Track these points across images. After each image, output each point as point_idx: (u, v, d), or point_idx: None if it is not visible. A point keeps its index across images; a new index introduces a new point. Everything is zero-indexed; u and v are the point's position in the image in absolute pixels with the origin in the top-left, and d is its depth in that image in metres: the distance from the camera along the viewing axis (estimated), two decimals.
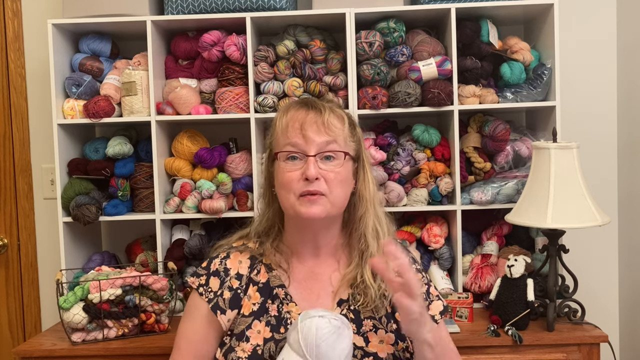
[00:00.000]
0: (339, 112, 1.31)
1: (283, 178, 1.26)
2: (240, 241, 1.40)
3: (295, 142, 1.25)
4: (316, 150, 1.24)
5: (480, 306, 1.95)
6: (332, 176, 1.25)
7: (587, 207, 1.72)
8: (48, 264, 2.30)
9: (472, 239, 2.07)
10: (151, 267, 2.03)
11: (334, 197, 1.25)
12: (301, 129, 1.25)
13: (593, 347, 1.72)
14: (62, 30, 2.02)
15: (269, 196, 1.37)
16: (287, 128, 1.27)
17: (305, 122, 1.26)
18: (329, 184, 1.24)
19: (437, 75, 1.93)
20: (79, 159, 2.06)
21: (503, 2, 1.95)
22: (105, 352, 1.73)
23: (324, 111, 1.27)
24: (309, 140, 1.25)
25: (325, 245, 1.32)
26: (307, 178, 1.23)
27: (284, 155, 1.27)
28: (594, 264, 2.22)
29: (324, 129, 1.25)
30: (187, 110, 1.98)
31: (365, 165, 1.34)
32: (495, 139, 1.98)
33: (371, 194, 1.32)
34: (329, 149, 1.26)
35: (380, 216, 1.34)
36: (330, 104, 1.32)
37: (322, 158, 1.25)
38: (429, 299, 1.33)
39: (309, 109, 1.28)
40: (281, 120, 1.29)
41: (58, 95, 2.00)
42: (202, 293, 1.31)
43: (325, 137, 1.25)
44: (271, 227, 1.37)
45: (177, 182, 2.02)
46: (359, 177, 1.33)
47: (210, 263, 1.35)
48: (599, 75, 2.22)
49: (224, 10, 1.97)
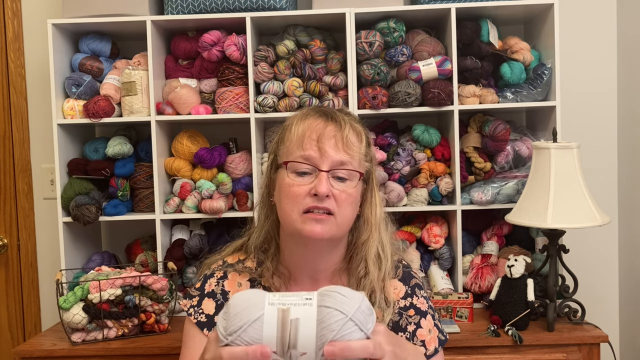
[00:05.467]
0: (358, 129, 1.21)
1: (289, 191, 1.15)
2: (235, 256, 1.29)
3: (310, 155, 1.15)
4: (330, 166, 1.15)
5: (481, 306, 1.95)
6: (343, 196, 1.15)
7: (587, 207, 1.72)
8: (48, 264, 2.30)
9: (472, 239, 2.07)
10: (151, 267, 2.03)
11: (341, 218, 1.15)
12: (318, 141, 1.15)
13: (593, 347, 1.72)
14: (62, 30, 2.02)
15: (267, 206, 1.26)
16: (302, 137, 1.17)
17: (323, 135, 1.16)
18: (339, 204, 1.14)
19: (437, 75, 1.93)
20: (78, 159, 2.06)
21: (503, 2, 1.95)
22: (105, 352, 1.73)
23: (344, 125, 1.17)
24: (324, 155, 1.15)
25: (325, 269, 1.22)
26: (317, 194, 1.13)
27: (294, 167, 1.16)
28: (594, 264, 2.22)
29: (342, 146, 1.16)
30: (187, 110, 1.98)
31: (374, 187, 1.24)
32: (495, 139, 1.98)
33: (377, 218, 1.23)
34: (344, 168, 1.16)
35: (385, 241, 1.24)
36: (350, 117, 1.22)
37: (335, 176, 1.16)
38: (415, 339, 1.20)
39: (327, 119, 1.18)
40: (297, 127, 1.19)
41: (58, 95, 2.00)
42: (190, 314, 1.23)
43: (342, 156, 1.15)
44: (269, 243, 1.26)
45: (177, 182, 2.02)
46: (365, 199, 1.23)
47: (204, 283, 1.26)
48: (599, 75, 2.22)
49: (224, 10, 1.97)
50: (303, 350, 0.77)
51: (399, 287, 1.25)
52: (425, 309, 1.24)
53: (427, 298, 1.27)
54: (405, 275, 1.26)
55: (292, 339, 0.77)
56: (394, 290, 1.23)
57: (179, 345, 1.71)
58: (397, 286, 1.25)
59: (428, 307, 1.25)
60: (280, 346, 0.77)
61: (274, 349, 0.77)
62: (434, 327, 1.24)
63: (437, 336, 1.23)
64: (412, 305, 1.23)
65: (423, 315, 1.23)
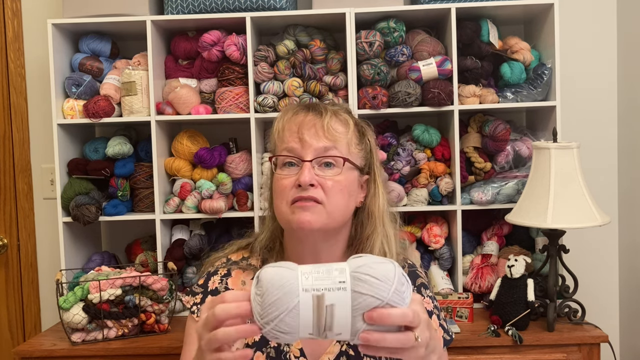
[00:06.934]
0: (343, 117, 1.20)
1: (277, 185, 1.16)
2: (239, 253, 1.29)
3: (292, 146, 1.16)
4: (313, 155, 1.14)
5: (481, 306, 1.95)
6: (329, 184, 1.13)
7: (587, 207, 1.72)
8: (48, 264, 2.30)
9: (472, 239, 2.07)
10: (151, 267, 2.03)
11: (332, 206, 1.13)
12: (298, 132, 1.16)
13: (593, 347, 1.72)
14: (62, 30, 2.02)
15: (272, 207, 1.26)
16: (283, 131, 1.18)
17: (302, 125, 1.16)
18: (327, 192, 1.13)
19: (437, 75, 1.93)
20: (78, 159, 2.06)
21: (503, 2, 1.95)
22: (105, 352, 1.73)
23: (325, 114, 1.17)
24: (305, 145, 1.15)
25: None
26: (300, 184, 1.12)
27: (280, 161, 1.17)
28: (594, 264, 2.22)
29: (322, 133, 1.15)
30: (187, 110, 1.98)
31: (377, 179, 1.23)
32: (495, 139, 1.98)
33: (381, 210, 1.21)
34: (328, 154, 1.15)
35: (390, 236, 1.22)
36: (335, 108, 1.22)
37: (321, 164, 1.15)
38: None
39: (308, 111, 1.19)
40: (278, 123, 1.21)
41: (58, 95, 2.00)
42: (193, 312, 1.22)
43: (324, 142, 1.15)
44: (274, 242, 1.26)
45: (177, 182, 2.02)
46: (369, 191, 1.22)
47: (208, 280, 1.25)
48: (599, 75, 2.22)
49: (224, 10, 1.97)
50: (339, 331, 0.79)
51: None
52: (431, 308, 1.24)
53: (433, 298, 1.26)
54: (411, 275, 1.26)
55: (328, 322, 0.78)
56: None
57: (179, 345, 1.72)
58: None
59: (434, 306, 1.25)
60: (316, 329, 0.78)
61: (310, 331, 0.79)
62: (439, 327, 1.23)
63: (442, 336, 1.23)
64: None
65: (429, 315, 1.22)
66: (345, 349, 1.18)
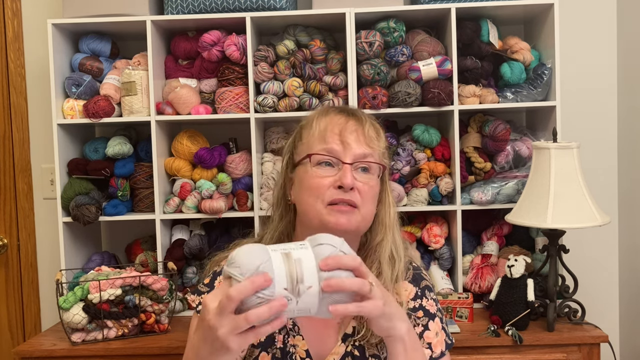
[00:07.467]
0: (377, 126, 1.24)
1: (312, 183, 1.16)
2: None
3: (333, 148, 1.17)
4: (353, 159, 1.16)
5: (481, 306, 1.95)
6: (366, 189, 1.16)
7: (587, 207, 1.72)
8: (48, 264, 2.30)
9: (472, 239, 2.07)
10: (151, 267, 2.03)
11: (365, 211, 1.17)
12: (340, 135, 1.17)
13: (593, 347, 1.72)
14: (62, 30, 2.02)
15: (282, 206, 1.27)
16: (325, 132, 1.19)
17: (345, 129, 1.18)
18: (363, 197, 1.16)
19: (437, 75, 1.93)
20: (78, 159, 2.06)
21: (503, 2, 1.95)
22: (105, 352, 1.73)
23: (365, 121, 1.21)
24: (347, 148, 1.17)
25: None
26: (342, 186, 1.14)
27: (317, 159, 1.18)
28: (594, 264, 2.22)
29: (363, 140, 1.18)
30: (187, 110, 1.98)
31: (387, 188, 1.25)
32: (495, 139, 1.98)
33: (391, 219, 1.24)
34: (367, 160, 1.18)
35: (398, 241, 1.25)
36: (368, 115, 1.25)
37: (357, 169, 1.17)
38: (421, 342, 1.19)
39: (348, 115, 1.21)
40: (318, 123, 1.21)
41: (58, 95, 2.00)
42: (199, 311, 1.20)
43: (364, 149, 1.18)
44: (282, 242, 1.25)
45: (177, 182, 2.02)
46: (380, 200, 1.24)
47: (214, 279, 1.24)
48: (599, 75, 2.22)
49: (224, 10, 1.97)
50: (309, 284, 0.87)
51: (410, 289, 1.24)
52: (434, 311, 1.24)
53: (436, 300, 1.27)
54: (415, 277, 1.27)
55: (299, 273, 0.87)
56: (404, 291, 1.23)
57: (179, 345, 1.72)
58: (407, 287, 1.24)
59: (437, 309, 1.25)
60: (290, 282, 0.86)
61: (285, 286, 0.86)
62: (442, 330, 1.24)
63: (444, 339, 1.23)
64: (421, 306, 1.23)
65: (431, 318, 1.23)
66: (351, 350, 1.18)
